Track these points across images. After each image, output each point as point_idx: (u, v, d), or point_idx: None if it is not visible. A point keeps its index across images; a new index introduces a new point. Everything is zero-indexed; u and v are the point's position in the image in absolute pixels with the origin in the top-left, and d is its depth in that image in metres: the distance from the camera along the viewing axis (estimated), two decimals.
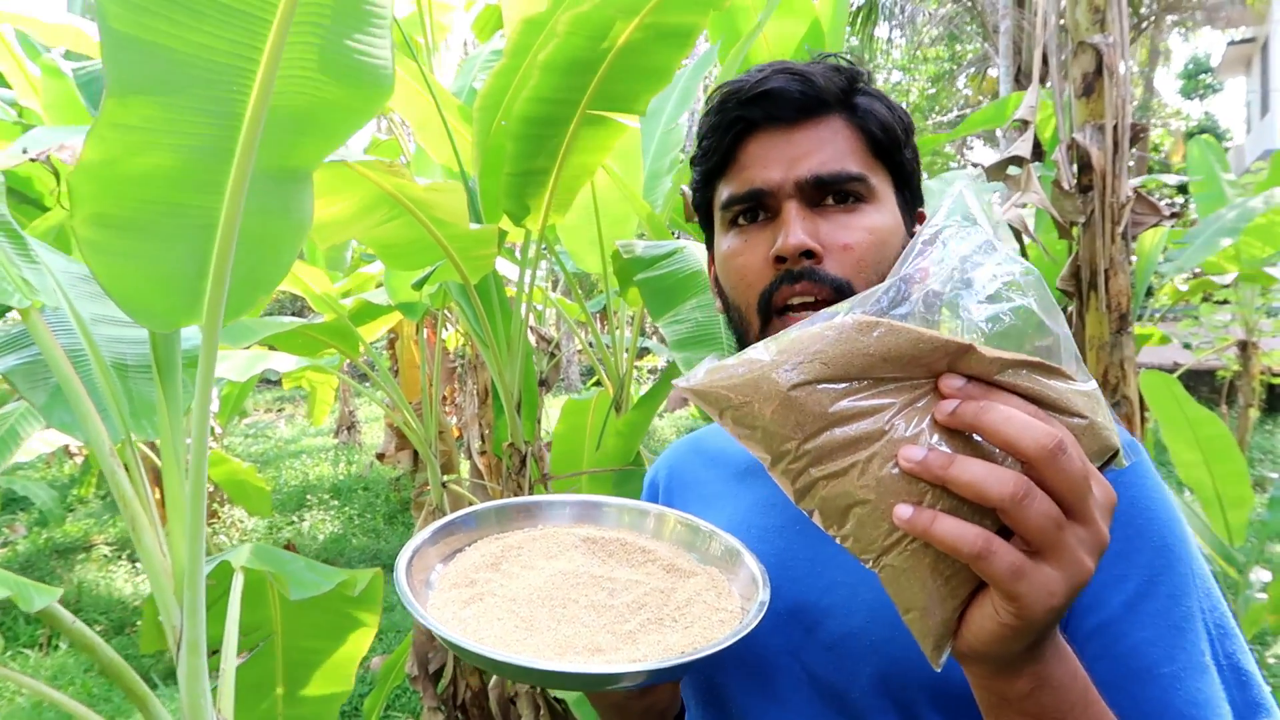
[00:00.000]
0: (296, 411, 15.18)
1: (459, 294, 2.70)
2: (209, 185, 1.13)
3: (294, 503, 8.55)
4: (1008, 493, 0.48)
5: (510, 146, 2.13)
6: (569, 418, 3.44)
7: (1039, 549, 0.49)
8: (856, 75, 0.85)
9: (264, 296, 1.23)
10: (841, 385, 0.51)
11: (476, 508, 0.88)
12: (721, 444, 1.02)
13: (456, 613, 0.74)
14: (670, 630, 0.73)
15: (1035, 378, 0.51)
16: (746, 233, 0.83)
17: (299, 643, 1.92)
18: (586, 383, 16.02)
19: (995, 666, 0.54)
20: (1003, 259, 0.53)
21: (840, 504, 0.52)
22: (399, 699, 4.41)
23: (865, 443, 0.51)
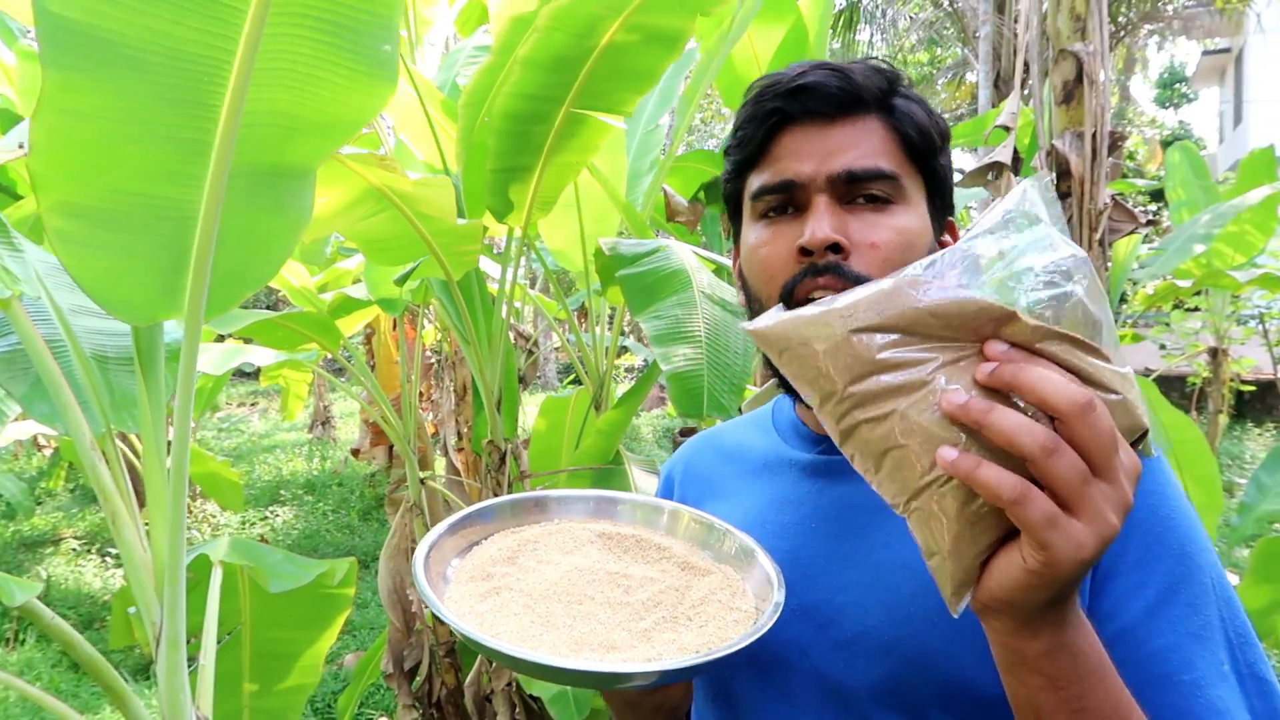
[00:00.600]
0: (270, 406, 15.06)
1: (441, 290, 2.69)
2: (183, 178, 1.11)
3: (267, 498, 8.48)
4: (1039, 444, 0.50)
5: (493, 142, 2.12)
6: (548, 415, 3.44)
7: (1067, 502, 0.51)
8: (896, 78, 0.85)
9: (251, 292, 1.22)
10: (892, 336, 0.55)
11: (492, 501, 0.88)
12: (739, 439, 1.02)
13: (473, 606, 0.74)
14: (685, 629, 0.73)
15: (1075, 352, 0.54)
16: (775, 224, 0.83)
17: (268, 633, 1.91)
18: (564, 380, 16.01)
19: (1016, 621, 0.56)
20: (1057, 245, 0.56)
21: (879, 447, 0.55)
22: (373, 696, 4.39)
23: (908, 390, 0.54)
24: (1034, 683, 0.59)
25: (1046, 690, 0.58)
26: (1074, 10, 2.90)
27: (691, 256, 2.35)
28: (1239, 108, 17.56)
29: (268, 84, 1.08)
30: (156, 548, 1.25)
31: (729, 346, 2.08)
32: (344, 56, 1.09)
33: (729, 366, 2.04)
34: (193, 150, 1.09)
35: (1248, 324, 9.29)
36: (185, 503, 1.22)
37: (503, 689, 2.75)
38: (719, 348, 2.06)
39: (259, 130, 1.11)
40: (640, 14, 1.84)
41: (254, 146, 1.11)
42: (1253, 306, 8.98)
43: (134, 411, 1.37)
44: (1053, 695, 0.58)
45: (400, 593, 3.21)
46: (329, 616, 1.95)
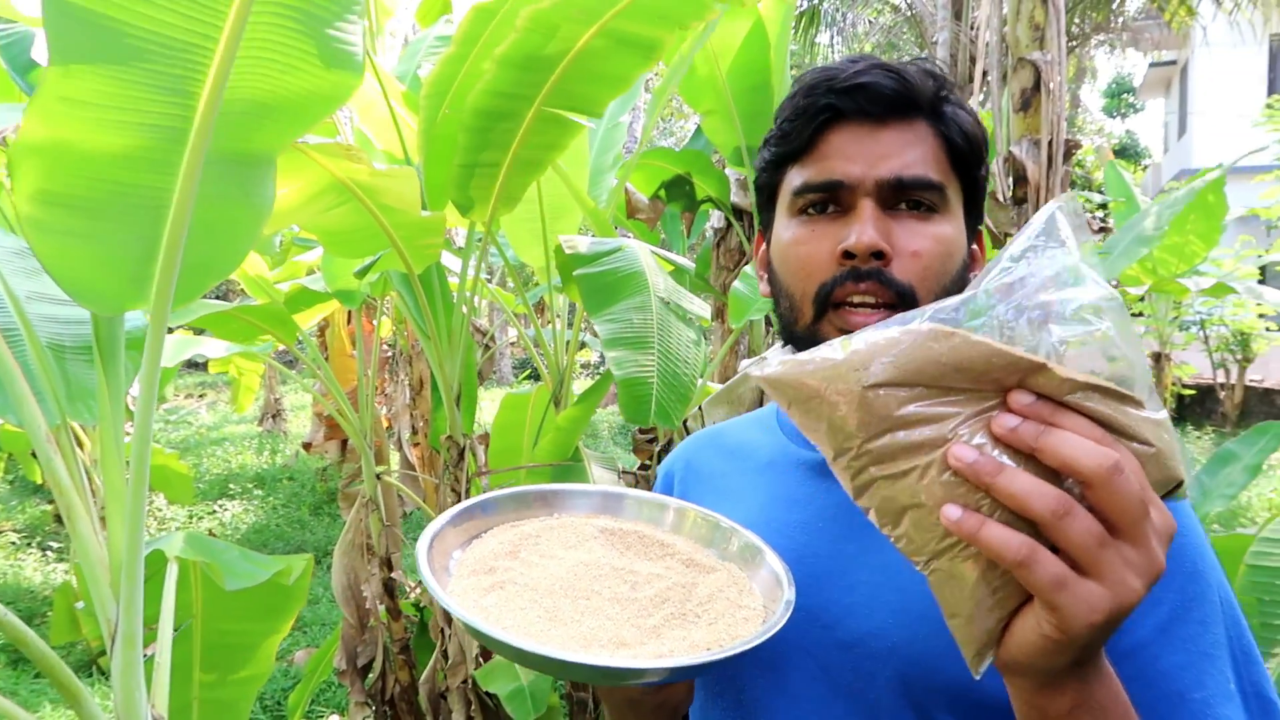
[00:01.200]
0: (219, 398, 14.78)
1: (401, 284, 2.66)
2: (162, 166, 1.09)
3: (215, 491, 8.33)
4: (1049, 508, 0.49)
5: (462, 138, 2.10)
6: (507, 412, 3.42)
7: (1081, 565, 0.50)
8: (946, 82, 0.84)
9: (217, 282, 1.20)
10: (911, 390, 0.52)
11: (494, 494, 0.87)
12: (742, 437, 1.01)
13: (477, 600, 0.73)
14: (694, 626, 0.73)
15: (1106, 401, 0.51)
16: (815, 223, 0.82)
17: (219, 626, 1.88)
18: (519, 376, 15.93)
19: (1038, 681, 0.55)
20: (1087, 283, 0.53)
21: (897, 505, 0.53)
22: (324, 694, 4.34)
23: (927, 448, 0.52)
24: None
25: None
26: (1033, 20, 2.96)
27: (650, 258, 2.36)
28: (1183, 119, 18.04)
29: (244, 71, 1.07)
30: (113, 543, 1.22)
31: (681, 356, 2.09)
32: (313, 45, 1.07)
33: (678, 376, 2.04)
34: (171, 138, 1.07)
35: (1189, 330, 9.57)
36: (145, 497, 1.20)
37: (458, 686, 2.73)
38: (670, 357, 2.07)
39: (232, 118, 1.09)
40: (618, 21, 1.84)
41: (226, 134, 1.10)
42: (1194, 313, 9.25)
43: (90, 403, 1.34)
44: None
45: (354, 589, 3.17)
46: (283, 609, 1.92)
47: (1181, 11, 9.11)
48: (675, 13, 1.84)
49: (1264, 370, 12.05)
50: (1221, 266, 7.47)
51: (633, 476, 2.93)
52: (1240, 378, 10.76)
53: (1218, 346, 10.30)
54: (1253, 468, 3.40)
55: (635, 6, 1.79)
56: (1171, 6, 9.11)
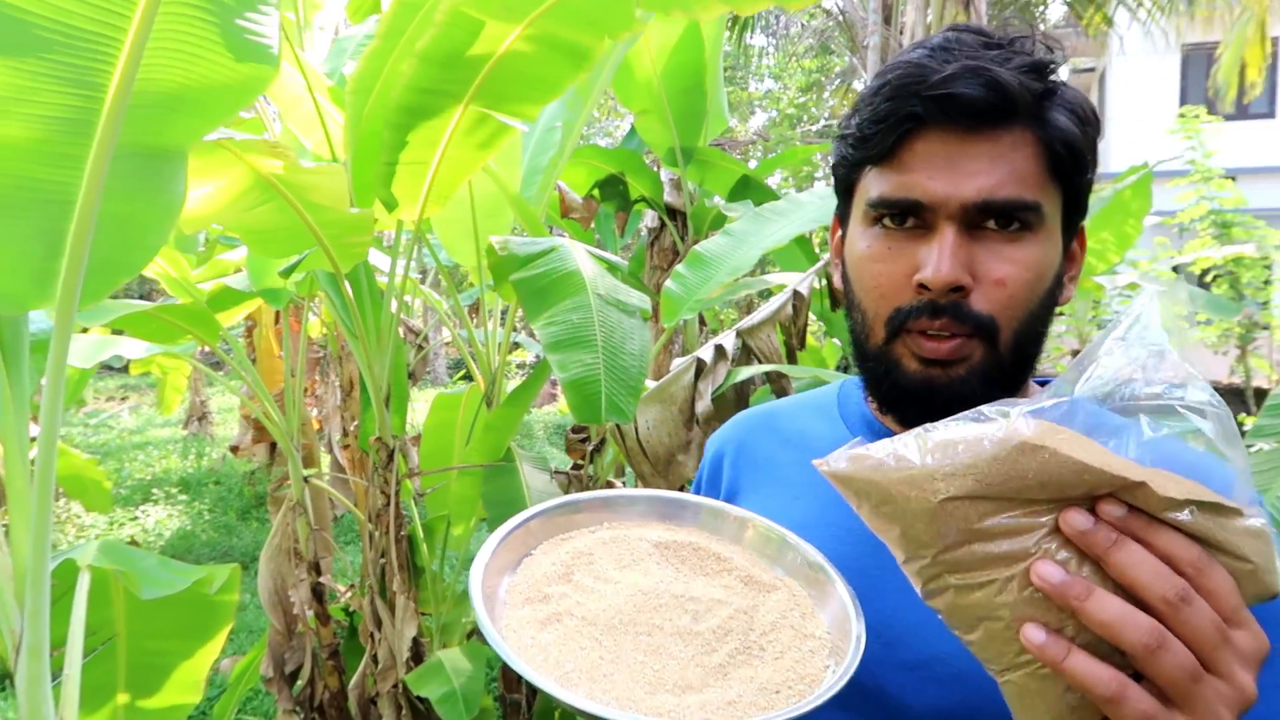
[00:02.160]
0: (142, 400, 14.33)
1: (328, 283, 2.61)
2: (66, 160, 1.05)
3: (138, 497, 8.07)
4: (1142, 640, 0.46)
5: (387, 135, 2.07)
6: (439, 412, 3.39)
7: (1173, 699, 0.47)
8: (1054, 81, 0.74)
9: (126, 279, 1.16)
10: (993, 503, 0.49)
11: (543, 506, 0.82)
12: (800, 425, 0.95)
13: (535, 636, 0.69)
14: (760, 662, 0.70)
15: (1204, 518, 0.48)
16: (891, 239, 0.75)
17: (145, 644, 1.80)
18: (454, 376, 15.77)
19: None
20: (1189, 384, 0.50)
21: (972, 614, 0.51)
22: (251, 702, 4.24)
23: (1008, 561, 0.49)
24: None
25: None
26: None
27: (586, 256, 2.35)
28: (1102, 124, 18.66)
29: (154, 64, 1.04)
30: (17, 551, 1.18)
31: (625, 349, 2.09)
32: (226, 37, 1.05)
33: (625, 370, 2.05)
34: (77, 131, 1.04)
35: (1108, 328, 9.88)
36: (51, 504, 1.15)
37: (388, 691, 2.70)
38: (615, 351, 2.07)
39: (142, 111, 1.06)
40: (545, 23, 1.82)
41: (136, 127, 1.06)
42: (1112, 313, 9.57)
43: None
44: None
45: (281, 594, 3.11)
46: (210, 627, 1.84)
47: (1098, 19, 9.42)
48: (603, 19, 1.83)
49: None
50: (1139, 267, 7.74)
51: (565, 476, 2.92)
52: None
53: None
54: None
55: (561, 9, 1.78)
56: (1089, 14, 9.41)
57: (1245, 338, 10.31)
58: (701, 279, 2.99)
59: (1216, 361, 11.79)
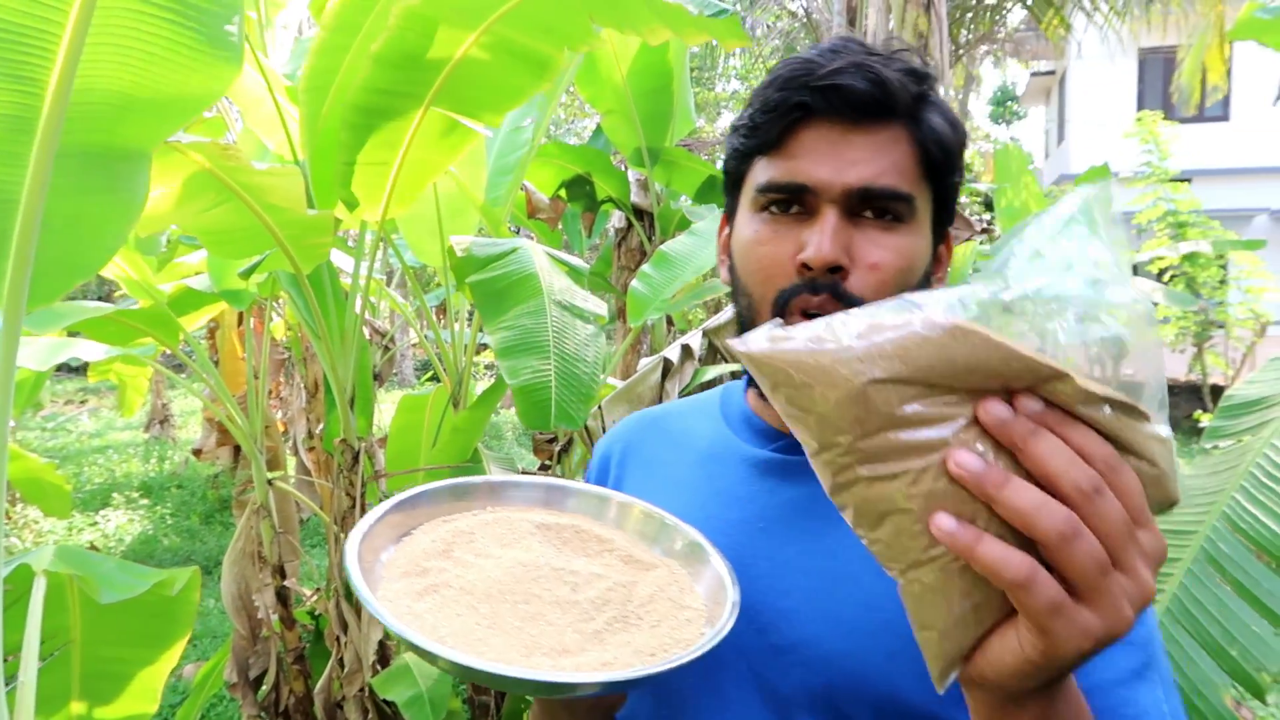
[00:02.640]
0: (101, 404, 14.09)
1: (290, 284, 2.59)
2: (8, 157, 1.02)
3: (98, 501, 7.94)
4: (1057, 528, 0.46)
5: (344, 135, 2.05)
6: (406, 414, 3.37)
7: (1079, 592, 0.47)
8: (929, 85, 0.80)
9: (81, 280, 1.14)
10: (917, 388, 0.48)
11: (430, 486, 0.83)
12: (685, 425, 0.98)
13: (410, 605, 0.69)
14: (637, 629, 0.71)
15: (1117, 417, 0.48)
16: (777, 223, 0.79)
17: (100, 652, 1.76)
18: (421, 377, 15.67)
19: (1002, 698, 0.52)
20: (1112, 281, 0.49)
21: (879, 508, 0.49)
22: (215, 708, 4.19)
23: (923, 451, 0.48)
24: None
25: None
26: (917, 28, 3.07)
27: (544, 259, 2.35)
28: (1062, 126, 18.91)
29: (102, 60, 1.02)
30: None
31: (579, 356, 2.08)
32: (185, 35, 1.03)
33: (577, 377, 2.04)
34: (16, 128, 1.01)
35: None
36: (2, 508, 1.13)
37: (355, 694, 2.68)
38: (568, 358, 2.06)
39: (91, 109, 1.04)
40: (502, 30, 1.82)
41: (85, 126, 1.04)
42: None
43: None
44: None
45: (245, 598, 3.07)
46: (169, 634, 1.80)
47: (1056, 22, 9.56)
48: (560, 29, 1.83)
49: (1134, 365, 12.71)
50: None
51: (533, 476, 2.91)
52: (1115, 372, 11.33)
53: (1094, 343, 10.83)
54: None
55: (516, 16, 1.78)
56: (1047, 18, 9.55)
57: (1201, 335, 10.52)
58: (668, 279, 3.00)
59: (1173, 359, 12.03)
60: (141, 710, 1.81)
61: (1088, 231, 0.51)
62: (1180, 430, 10.34)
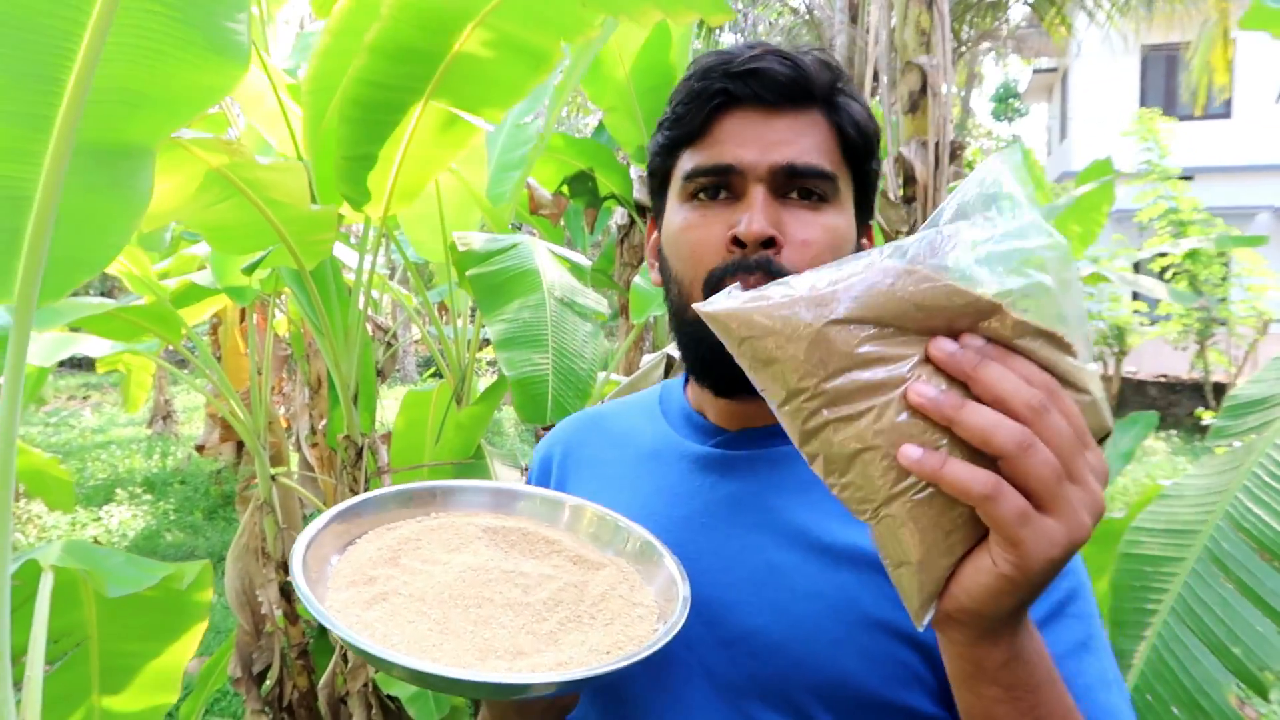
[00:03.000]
0: (104, 399, 14.11)
1: (293, 280, 2.59)
2: (23, 155, 1.03)
3: (101, 497, 7.95)
4: (1014, 439, 0.49)
5: (342, 129, 2.05)
6: (409, 410, 3.37)
7: (1041, 501, 0.50)
8: (841, 73, 0.83)
9: (88, 277, 1.14)
10: (871, 329, 0.51)
11: (375, 493, 0.82)
12: (626, 424, 0.99)
13: (360, 615, 0.68)
14: (590, 628, 0.71)
15: (1050, 350, 0.52)
16: (706, 208, 0.81)
17: (117, 646, 1.77)
18: (424, 374, 15.67)
19: (978, 631, 0.55)
20: (1030, 232, 0.53)
21: (848, 449, 0.51)
22: (218, 703, 4.20)
23: (884, 388, 0.51)
24: (991, 694, 0.58)
25: (1003, 701, 0.58)
26: (919, 25, 3.06)
27: (545, 255, 2.35)
28: (1064, 124, 18.90)
29: (116, 59, 1.02)
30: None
31: (578, 351, 2.08)
32: (194, 34, 1.04)
33: (575, 372, 2.04)
34: (34, 126, 1.02)
35: None
36: (10, 503, 1.14)
37: (359, 690, 2.68)
38: (566, 353, 2.06)
39: (104, 107, 1.04)
40: (497, 21, 1.82)
41: (97, 123, 1.05)
42: None
43: None
44: (1010, 706, 0.58)
45: (249, 594, 3.08)
46: (183, 626, 1.81)
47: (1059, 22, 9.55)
48: (555, 20, 1.84)
49: (1138, 363, 12.74)
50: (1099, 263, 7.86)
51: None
52: (1117, 370, 11.35)
53: (1096, 340, 10.85)
54: (1126, 455, 3.60)
55: (509, 6, 1.78)
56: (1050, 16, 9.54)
57: (1204, 333, 10.51)
58: None
59: (1176, 357, 12.03)
60: (162, 700, 1.83)
61: (1002, 191, 0.55)
62: (1183, 428, 10.34)
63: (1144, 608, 1.48)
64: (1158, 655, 1.52)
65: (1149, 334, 10.46)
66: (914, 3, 3.05)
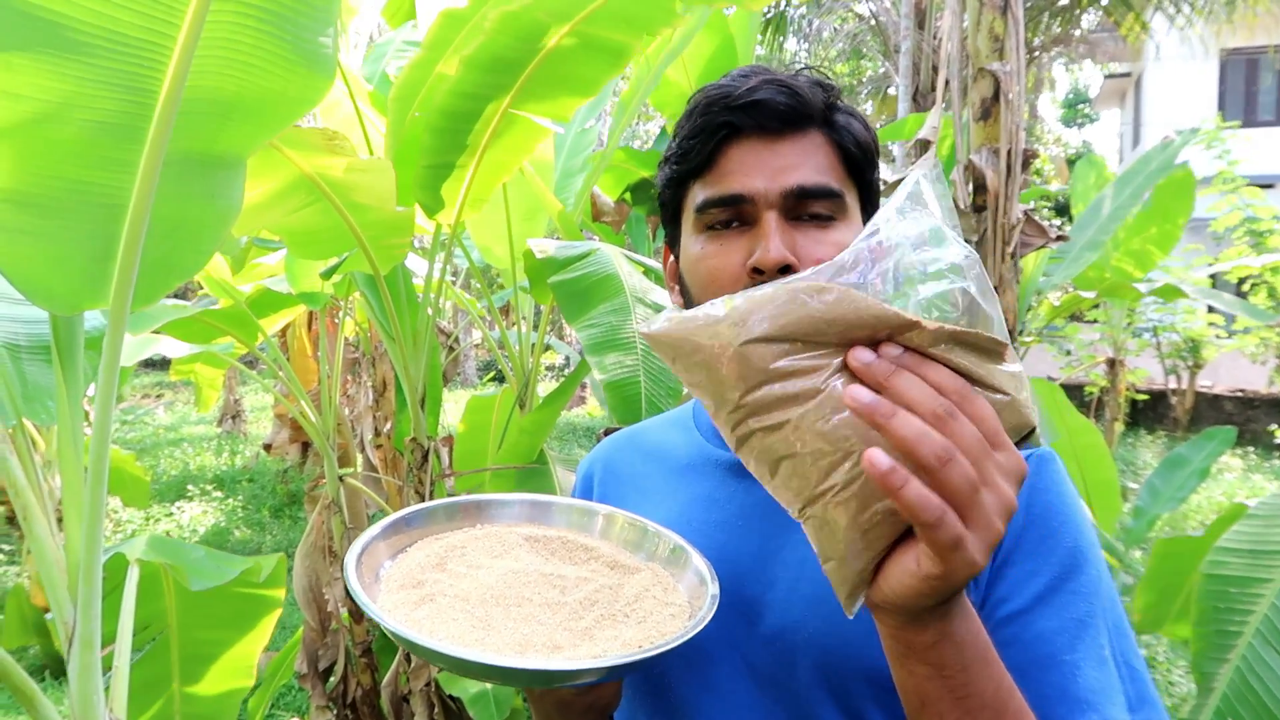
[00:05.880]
0: (176, 398, 14.54)
1: (366, 285, 2.65)
2: (118, 164, 1.07)
3: (173, 493, 8.20)
4: (936, 453, 0.52)
5: (427, 139, 2.10)
6: (473, 415, 3.41)
7: (959, 511, 0.53)
8: (835, 91, 0.87)
9: (180, 283, 1.18)
10: (786, 344, 0.54)
11: (426, 505, 0.88)
12: (660, 438, 1.03)
13: (409, 614, 0.73)
14: (624, 625, 0.75)
15: (967, 355, 0.55)
16: (721, 238, 0.84)
17: (196, 635, 1.83)
18: (483, 378, 15.85)
19: (906, 618, 0.59)
20: (949, 245, 0.57)
21: (774, 454, 0.56)
22: (284, 697, 4.29)
23: (801, 399, 0.54)
24: (921, 672, 0.61)
25: (933, 679, 0.61)
26: (993, 31, 3.01)
27: (623, 260, 2.37)
28: (1137, 130, 18.41)
29: (207, 71, 1.05)
30: (70, 545, 1.20)
31: None
32: (283, 47, 1.06)
33: (666, 371, 2.06)
34: (127, 136, 1.05)
35: (1142, 337, 9.77)
36: (104, 499, 1.18)
37: (421, 689, 2.72)
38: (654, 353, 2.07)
39: (195, 118, 1.08)
40: (587, 25, 1.84)
41: (189, 134, 1.08)
42: (1147, 320, 9.44)
43: (46, 402, 1.32)
44: (938, 683, 0.61)
45: (316, 591, 3.14)
46: (258, 616, 1.87)
47: (1136, 26, 9.30)
48: (643, 18, 1.85)
49: (1214, 376, 12.33)
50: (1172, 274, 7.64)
51: None
52: (1191, 383, 11.00)
53: (1170, 353, 10.53)
54: (1201, 471, 3.48)
55: (604, 11, 1.80)
56: (1127, 22, 9.30)
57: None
58: None
59: (1254, 371, 11.61)
60: (238, 686, 1.88)
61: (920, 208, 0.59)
62: (1260, 444, 9.98)
63: (1228, 630, 1.43)
64: (1241, 678, 1.48)
65: (1226, 347, 10.11)
66: (987, 8, 3.00)
